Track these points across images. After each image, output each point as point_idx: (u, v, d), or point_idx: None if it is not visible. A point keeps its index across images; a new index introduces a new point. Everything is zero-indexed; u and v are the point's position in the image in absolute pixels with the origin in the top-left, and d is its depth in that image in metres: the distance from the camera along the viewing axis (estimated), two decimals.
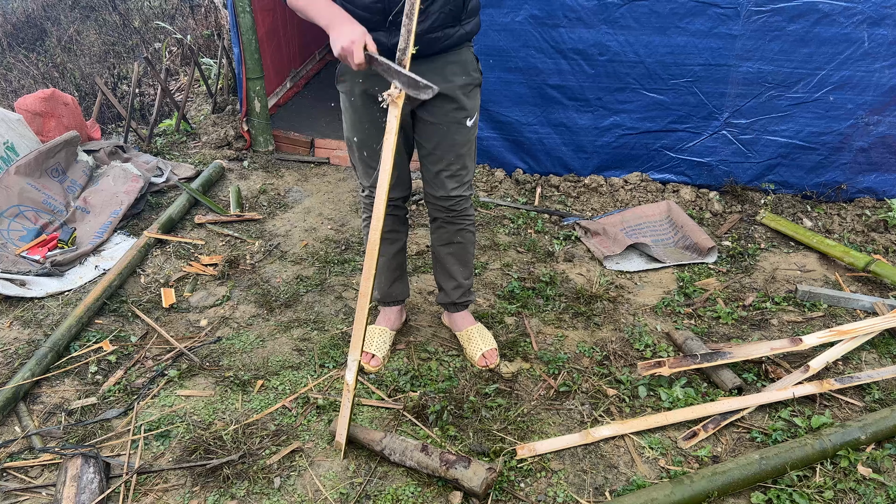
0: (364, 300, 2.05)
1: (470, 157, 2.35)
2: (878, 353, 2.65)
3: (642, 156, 3.84)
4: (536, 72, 3.67)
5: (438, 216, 2.46)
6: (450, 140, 2.26)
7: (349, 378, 2.10)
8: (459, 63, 2.19)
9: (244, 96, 4.17)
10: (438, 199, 2.39)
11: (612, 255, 3.25)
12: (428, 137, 2.27)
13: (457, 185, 2.35)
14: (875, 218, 3.54)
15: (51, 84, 5.56)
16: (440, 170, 2.32)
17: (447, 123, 2.23)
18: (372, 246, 2.02)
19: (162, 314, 2.90)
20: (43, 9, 7.48)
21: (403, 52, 1.93)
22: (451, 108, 2.21)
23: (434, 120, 2.22)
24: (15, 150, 3.53)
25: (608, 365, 2.59)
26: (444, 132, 2.24)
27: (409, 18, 1.91)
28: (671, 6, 3.42)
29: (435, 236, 2.54)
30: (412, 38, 1.91)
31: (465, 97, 2.22)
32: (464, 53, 2.20)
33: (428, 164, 2.34)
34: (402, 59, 1.93)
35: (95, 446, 2.23)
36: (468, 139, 2.30)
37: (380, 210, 2.00)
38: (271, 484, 2.09)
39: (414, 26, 1.90)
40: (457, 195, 2.37)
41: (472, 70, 2.23)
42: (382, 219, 2.01)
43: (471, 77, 2.22)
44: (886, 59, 3.38)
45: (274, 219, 3.65)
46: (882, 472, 2.11)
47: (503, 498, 2.04)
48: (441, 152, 2.28)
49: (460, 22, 2.11)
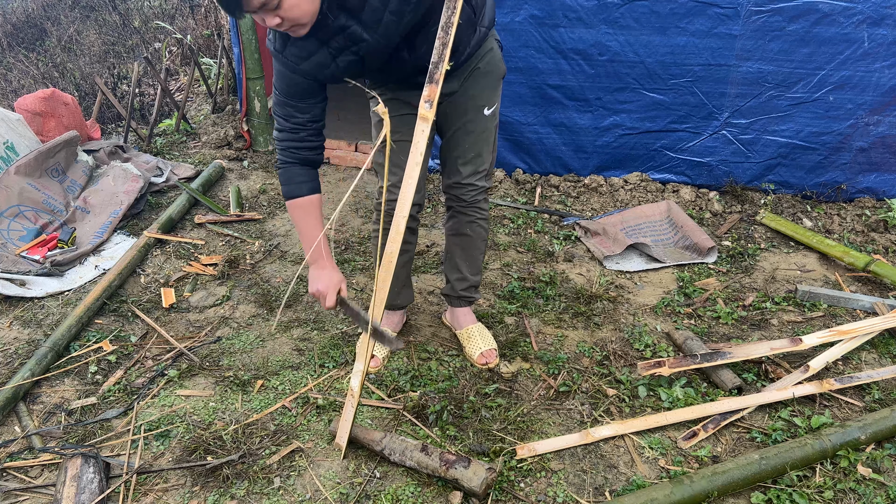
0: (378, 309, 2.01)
1: (487, 148, 2.36)
2: (878, 353, 2.65)
3: (642, 156, 3.84)
4: (536, 72, 3.67)
5: (452, 205, 2.48)
6: (468, 127, 2.29)
7: (354, 384, 2.10)
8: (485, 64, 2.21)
9: (244, 96, 4.17)
10: (452, 187, 2.41)
11: (612, 255, 3.25)
12: (449, 124, 2.31)
13: (471, 172, 2.36)
14: (875, 218, 3.54)
15: (51, 84, 5.56)
16: (456, 156, 2.35)
17: (465, 110, 2.27)
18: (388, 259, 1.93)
19: (162, 314, 2.90)
20: (43, 9, 7.48)
21: (437, 65, 1.81)
22: (473, 93, 2.25)
23: (455, 102, 2.25)
24: (15, 150, 3.53)
25: (608, 365, 2.59)
26: (464, 118, 2.27)
27: (446, 31, 1.79)
28: (671, 6, 3.42)
29: (448, 225, 2.56)
30: (447, 52, 1.79)
31: (487, 85, 2.26)
32: (489, 43, 2.21)
33: (446, 150, 2.38)
34: (434, 72, 1.81)
35: (95, 446, 2.23)
36: (486, 127, 2.31)
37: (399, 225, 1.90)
38: (271, 484, 2.09)
39: (451, 39, 1.79)
40: (469, 183, 2.38)
41: (498, 62, 2.27)
42: (403, 233, 1.91)
43: (496, 74, 2.27)
44: (886, 59, 3.38)
45: (274, 219, 3.65)
46: (882, 472, 2.11)
47: (503, 498, 2.04)
48: (457, 138, 2.31)
49: (477, 24, 2.12)
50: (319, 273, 2.14)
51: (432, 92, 1.82)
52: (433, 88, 1.82)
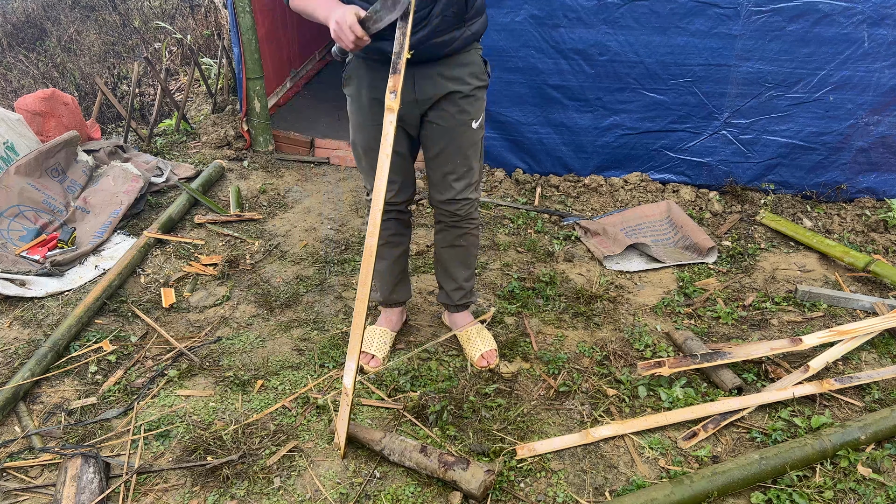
0: (361, 305, 2.03)
1: (476, 159, 2.34)
2: (878, 353, 2.65)
3: (642, 156, 3.84)
4: (536, 72, 3.67)
5: (443, 220, 2.45)
6: (456, 143, 2.25)
7: (347, 382, 2.10)
8: (468, 65, 2.18)
9: (244, 96, 4.17)
10: (445, 203, 2.38)
11: (612, 255, 3.25)
12: (435, 140, 2.27)
13: (464, 186, 2.34)
14: (875, 218, 3.53)
15: (51, 84, 5.56)
16: (447, 172, 2.31)
17: (453, 126, 2.22)
18: (369, 252, 2.00)
19: (162, 314, 2.90)
20: (43, 9, 7.48)
21: (399, 55, 1.89)
22: (457, 111, 2.20)
23: (441, 123, 2.22)
24: (15, 150, 3.53)
25: (608, 365, 2.59)
26: (451, 135, 2.24)
27: (405, 21, 1.88)
28: (671, 6, 3.42)
29: (438, 237, 2.53)
30: (407, 42, 1.88)
31: (472, 100, 2.22)
32: (472, 55, 2.19)
33: (434, 167, 2.33)
34: (397, 62, 1.89)
35: (95, 446, 2.23)
36: (474, 141, 2.29)
37: (376, 217, 1.98)
38: (271, 484, 2.09)
39: (409, 29, 1.88)
40: (463, 198, 2.35)
41: (481, 73, 2.23)
42: (379, 225, 1.99)
43: (479, 80, 2.22)
44: (886, 59, 3.38)
45: (274, 219, 3.65)
46: (882, 472, 2.11)
47: (503, 498, 2.04)
48: (448, 155, 2.28)
49: (465, 23, 2.09)
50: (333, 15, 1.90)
51: (396, 82, 1.90)
52: (396, 78, 1.91)
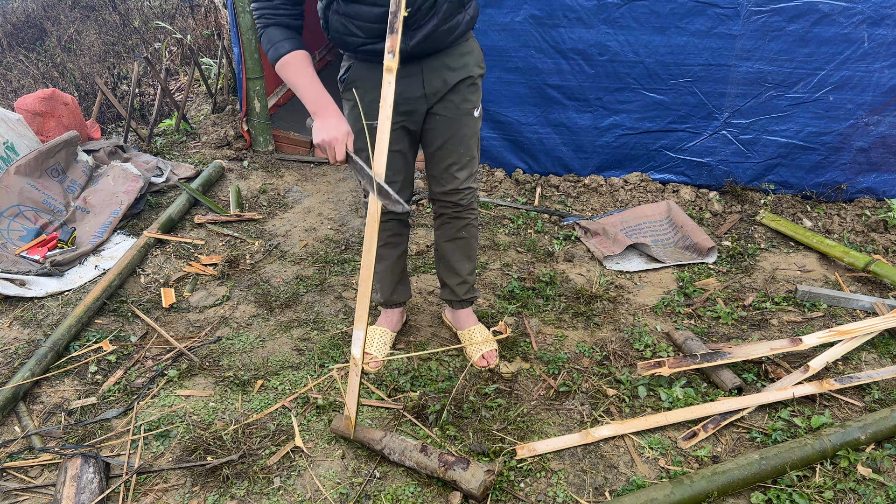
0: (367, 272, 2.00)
1: (477, 148, 2.40)
2: (878, 353, 2.65)
3: (642, 156, 3.84)
4: (536, 72, 3.67)
5: (445, 212, 2.47)
6: (460, 133, 2.29)
7: (356, 352, 2.05)
8: (470, 53, 2.23)
9: (244, 96, 4.17)
10: (447, 194, 2.40)
11: (611, 255, 3.25)
12: (440, 132, 2.29)
13: (467, 176, 2.38)
14: (875, 218, 3.53)
15: (51, 84, 5.56)
16: (451, 163, 2.34)
17: (458, 116, 2.27)
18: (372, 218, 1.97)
19: (162, 314, 2.90)
20: (43, 9, 7.48)
21: (395, 14, 1.83)
22: (461, 101, 2.25)
23: (447, 114, 2.26)
24: (15, 150, 3.53)
25: (608, 365, 2.59)
26: (456, 125, 2.28)
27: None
28: (671, 6, 3.42)
29: (439, 233, 2.54)
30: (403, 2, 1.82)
31: (474, 88, 2.28)
32: (472, 44, 2.25)
33: (437, 161, 2.36)
34: (394, 22, 1.83)
35: (95, 446, 2.23)
36: (475, 130, 2.35)
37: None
38: (271, 484, 2.09)
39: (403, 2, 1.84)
40: (466, 187, 2.39)
41: (481, 62, 2.29)
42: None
43: (480, 69, 2.29)
44: (886, 59, 3.38)
45: (274, 219, 3.65)
46: (882, 472, 2.11)
47: (503, 498, 2.04)
48: (452, 145, 2.31)
49: (465, 7, 2.14)
50: (325, 123, 1.99)
51: (394, 42, 1.86)
52: (394, 38, 1.85)
